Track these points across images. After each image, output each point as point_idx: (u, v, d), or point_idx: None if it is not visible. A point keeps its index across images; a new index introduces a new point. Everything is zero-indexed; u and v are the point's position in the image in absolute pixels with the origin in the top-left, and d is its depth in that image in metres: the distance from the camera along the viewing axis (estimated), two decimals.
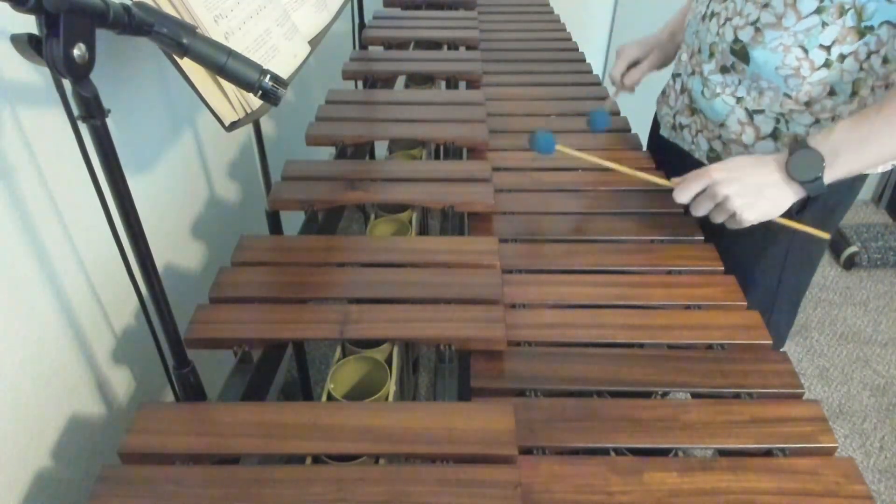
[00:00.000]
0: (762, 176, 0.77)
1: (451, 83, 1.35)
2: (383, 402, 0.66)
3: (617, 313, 0.76)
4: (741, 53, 0.84)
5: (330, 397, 0.67)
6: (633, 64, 1.12)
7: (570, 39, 1.60)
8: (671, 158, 1.04)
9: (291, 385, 1.61)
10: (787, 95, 0.84)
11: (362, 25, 1.54)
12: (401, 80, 1.42)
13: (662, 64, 1.12)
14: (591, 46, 2.34)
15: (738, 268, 0.83)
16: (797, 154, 0.75)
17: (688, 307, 0.78)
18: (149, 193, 0.92)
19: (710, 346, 0.73)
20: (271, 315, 0.72)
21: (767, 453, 0.61)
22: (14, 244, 0.65)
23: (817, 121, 0.85)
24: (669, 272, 0.83)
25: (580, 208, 0.96)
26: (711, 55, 0.90)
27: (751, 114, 0.88)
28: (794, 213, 0.81)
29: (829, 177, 0.75)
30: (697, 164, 0.97)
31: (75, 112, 0.48)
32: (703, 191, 0.79)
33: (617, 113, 1.22)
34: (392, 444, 0.58)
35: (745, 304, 0.78)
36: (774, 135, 0.88)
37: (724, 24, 0.86)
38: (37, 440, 0.70)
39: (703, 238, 0.89)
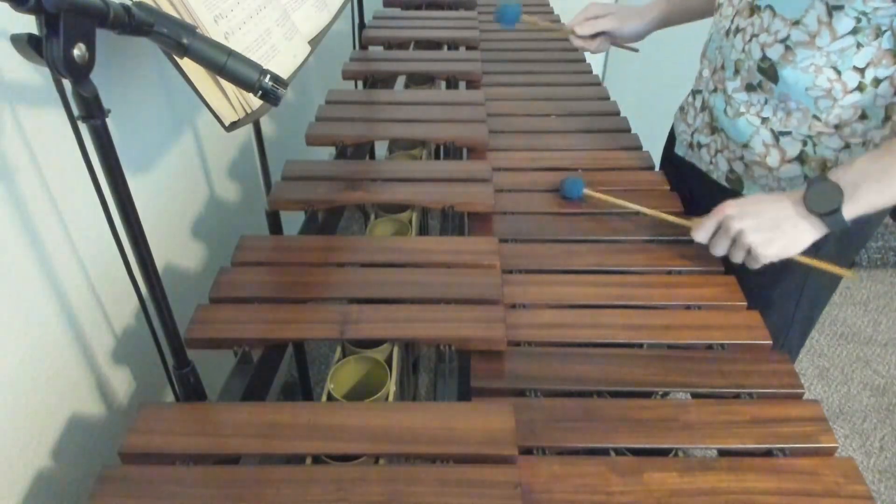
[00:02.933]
0: (778, 210, 0.74)
1: (451, 83, 1.35)
2: (383, 402, 0.66)
3: (617, 313, 0.76)
4: (770, 72, 0.81)
5: (330, 397, 0.67)
6: (592, 20, 1.12)
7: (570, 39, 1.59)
8: (687, 178, 1.01)
9: (291, 385, 1.61)
10: (817, 117, 0.80)
11: (362, 25, 1.54)
12: (401, 80, 1.42)
13: (618, 30, 1.11)
14: None
15: (754, 294, 0.80)
16: (815, 186, 0.72)
17: (688, 307, 0.78)
18: (149, 193, 0.92)
19: (710, 346, 0.73)
20: (271, 315, 0.72)
21: (767, 453, 0.61)
22: (14, 244, 0.65)
23: (847, 145, 0.82)
24: (669, 272, 0.83)
25: (580, 209, 0.96)
26: (736, 72, 0.86)
27: (777, 135, 0.85)
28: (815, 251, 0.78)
29: (851, 211, 0.71)
30: (714, 185, 0.96)
31: (75, 112, 0.48)
32: (718, 227, 0.77)
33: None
34: (392, 444, 0.58)
35: (745, 304, 0.78)
36: (801, 158, 0.84)
37: (750, 40, 0.83)
38: (37, 440, 0.70)
39: None
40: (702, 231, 0.79)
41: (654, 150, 1.12)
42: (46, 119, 0.68)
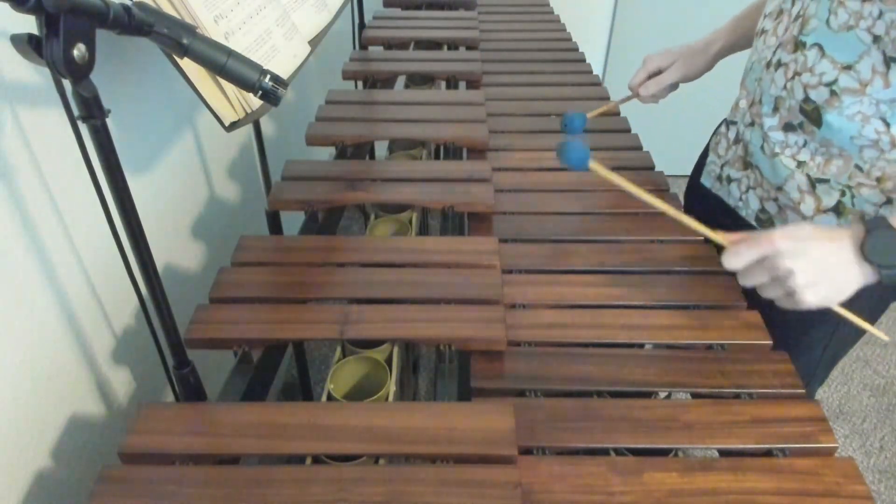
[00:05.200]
0: (832, 253, 0.64)
1: (451, 83, 1.35)
2: (383, 402, 0.66)
3: (617, 313, 0.76)
4: (813, 115, 0.74)
5: (330, 397, 0.67)
6: (656, 74, 1.02)
7: (570, 39, 1.60)
8: (712, 211, 0.93)
9: (291, 385, 1.61)
10: (859, 168, 0.74)
11: (362, 25, 1.55)
12: (401, 80, 1.42)
13: (685, 77, 1.01)
14: (591, 46, 2.34)
15: (782, 336, 0.75)
16: (878, 233, 0.63)
17: (688, 307, 0.78)
18: (149, 193, 0.92)
19: (710, 346, 0.73)
20: (271, 315, 0.72)
21: (767, 453, 0.61)
22: (14, 244, 0.65)
23: (889, 200, 0.75)
24: (669, 272, 0.83)
25: (580, 208, 0.96)
26: (776, 109, 0.79)
27: (813, 182, 0.78)
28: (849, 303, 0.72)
29: None
30: (743, 223, 0.89)
31: (75, 112, 0.48)
32: (761, 259, 0.66)
33: (617, 113, 1.20)
34: (392, 444, 0.58)
35: (745, 304, 0.78)
36: (837, 209, 0.78)
37: (792, 77, 0.75)
38: (37, 440, 0.70)
39: (703, 238, 0.88)
40: (738, 257, 0.67)
41: (655, 150, 1.12)
42: (46, 119, 0.68)
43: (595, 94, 1.31)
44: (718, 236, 0.71)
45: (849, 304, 0.69)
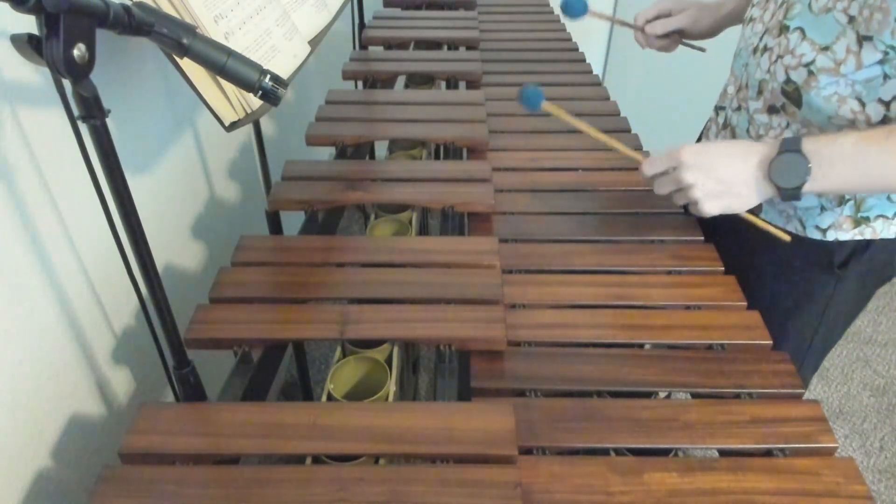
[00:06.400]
0: (737, 172, 0.71)
1: (451, 83, 1.35)
2: (383, 402, 0.66)
3: (617, 313, 0.76)
4: (794, 96, 0.77)
5: (330, 397, 0.67)
6: (666, 17, 1.05)
7: (570, 39, 1.60)
8: None
9: (291, 385, 1.61)
10: None
11: (362, 25, 1.55)
12: (401, 80, 1.42)
13: (691, 28, 1.04)
14: (591, 46, 2.34)
15: (770, 323, 0.76)
16: (786, 157, 0.68)
17: (688, 307, 0.78)
18: (149, 193, 0.92)
19: (710, 346, 0.73)
20: (271, 315, 0.72)
21: (767, 453, 0.61)
22: (14, 244, 0.65)
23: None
24: (669, 272, 0.83)
25: (580, 208, 0.96)
26: (760, 93, 0.82)
27: None
28: (842, 259, 0.76)
29: (811, 188, 0.68)
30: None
31: (75, 112, 0.48)
32: (669, 170, 0.75)
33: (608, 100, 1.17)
34: (392, 444, 0.58)
35: (745, 304, 0.78)
36: None
37: (776, 61, 0.78)
38: (37, 440, 0.70)
39: (703, 238, 0.89)
40: (650, 166, 0.77)
41: (654, 150, 1.11)
42: (46, 119, 0.68)
43: (595, 95, 1.31)
44: (637, 154, 0.82)
45: (834, 292, 0.80)
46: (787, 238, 0.78)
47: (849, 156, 0.67)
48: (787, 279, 0.86)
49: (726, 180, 0.72)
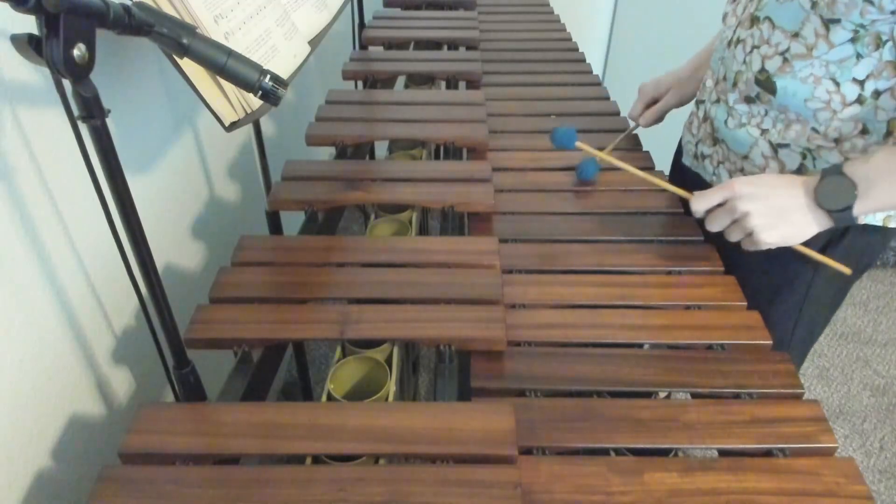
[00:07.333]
0: (788, 198, 0.71)
1: (451, 83, 1.35)
2: (383, 402, 0.66)
3: (617, 313, 0.76)
4: (767, 84, 0.79)
5: (330, 397, 0.67)
6: (652, 103, 1.09)
7: (570, 39, 1.60)
8: (693, 189, 0.97)
9: (291, 385, 1.61)
10: (816, 130, 0.78)
11: (362, 25, 1.55)
12: (401, 80, 1.42)
13: (681, 102, 1.08)
14: (591, 46, 2.34)
15: (752, 307, 0.78)
16: (828, 180, 0.69)
17: (688, 307, 0.78)
18: (149, 193, 0.92)
19: (710, 346, 0.73)
20: (271, 315, 0.72)
21: (767, 453, 0.61)
22: (14, 244, 0.65)
23: (847, 160, 0.77)
24: (669, 272, 0.83)
25: (580, 208, 0.96)
26: (735, 84, 0.84)
27: (775, 147, 0.83)
28: (819, 246, 0.77)
29: (862, 208, 0.69)
30: None
31: (75, 112, 0.48)
32: (722, 204, 0.74)
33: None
34: (392, 444, 0.58)
35: (745, 304, 0.78)
36: (800, 171, 0.82)
37: (750, 52, 0.81)
38: (37, 440, 0.70)
39: (702, 238, 0.89)
40: (703, 201, 0.75)
41: (654, 150, 1.12)
42: (46, 119, 0.68)
43: (595, 94, 1.31)
44: (687, 193, 0.81)
45: (813, 280, 0.84)
46: (847, 271, 0.79)
47: (890, 170, 0.68)
48: (766, 268, 0.87)
49: (781, 208, 0.72)
